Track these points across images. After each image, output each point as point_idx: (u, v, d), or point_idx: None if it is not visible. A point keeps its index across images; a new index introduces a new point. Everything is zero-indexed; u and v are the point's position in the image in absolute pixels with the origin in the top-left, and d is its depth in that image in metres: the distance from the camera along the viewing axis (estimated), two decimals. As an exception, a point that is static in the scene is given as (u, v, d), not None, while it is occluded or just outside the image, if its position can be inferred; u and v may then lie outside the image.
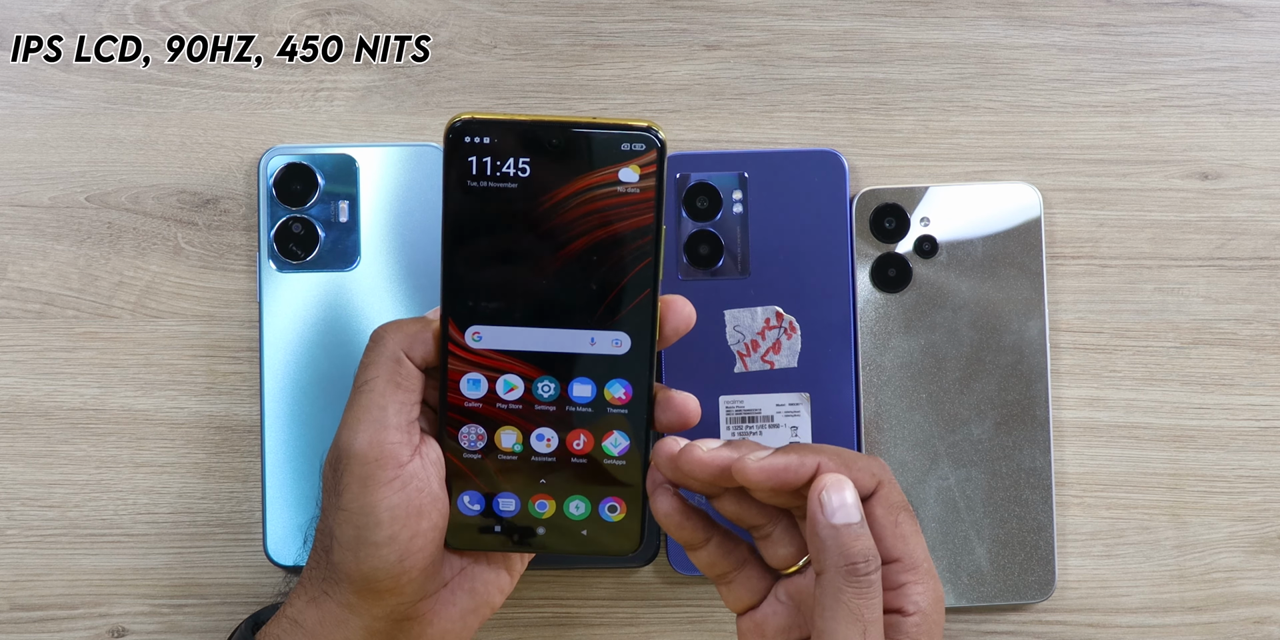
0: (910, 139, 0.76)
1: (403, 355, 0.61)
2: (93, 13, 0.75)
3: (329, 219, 0.73)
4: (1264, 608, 0.75)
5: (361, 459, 0.60)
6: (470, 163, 0.60)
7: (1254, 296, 0.76)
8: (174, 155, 0.75)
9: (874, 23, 0.76)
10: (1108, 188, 0.76)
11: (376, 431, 0.60)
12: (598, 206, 0.61)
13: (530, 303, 0.61)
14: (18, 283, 0.74)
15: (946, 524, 0.74)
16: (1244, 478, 0.76)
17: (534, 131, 0.60)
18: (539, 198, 0.61)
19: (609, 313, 0.62)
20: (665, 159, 0.60)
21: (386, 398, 0.61)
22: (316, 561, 0.63)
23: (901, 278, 0.74)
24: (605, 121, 0.61)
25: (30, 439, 0.74)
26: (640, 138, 0.60)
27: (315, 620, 0.62)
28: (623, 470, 0.63)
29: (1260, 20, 0.76)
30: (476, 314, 0.62)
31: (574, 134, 0.60)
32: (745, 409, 0.73)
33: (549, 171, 0.60)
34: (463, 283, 0.61)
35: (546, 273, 0.61)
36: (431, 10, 0.75)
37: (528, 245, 0.61)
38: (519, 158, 0.60)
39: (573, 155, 0.60)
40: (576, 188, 0.60)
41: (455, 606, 0.63)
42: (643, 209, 0.61)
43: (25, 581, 0.74)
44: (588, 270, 0.61)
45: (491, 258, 0.61)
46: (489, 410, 0.62)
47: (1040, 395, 0.74)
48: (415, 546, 0.61)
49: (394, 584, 0.61)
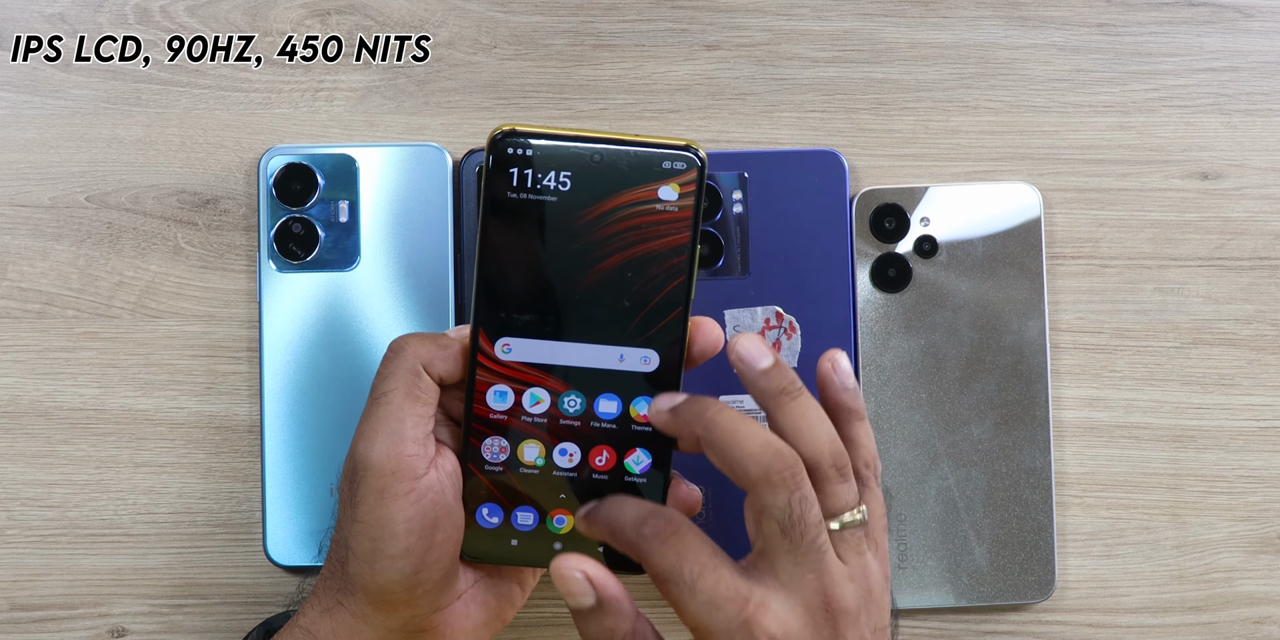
0: (910, 139, 0.76)
1: (421, 368, 0.61)
2: (93, 13, 0.75)
3: (329, 219, 0.73)
4: (1264, 608, 0.75)
5: (378, 471, 0.60)
6: (511, 174, 0.60)
7: (1254, 296, 0.76)
8: (174, 155, 0.75)
9: (874, 23, 0.76)
10: (1108, 188, 0.76)
11: (394, 444, 0.60)
12: (635, 223, 0.61)
13: (562, 317, 0.61)
14: (18, 283, 0.74)
15: (946, 524, 0.74)
16: (1244, 478, 0.76)
17: (577, 146, 0.60)
18: (577, 212, 0.61)
19: (640, 330, 0.62)
20: (705, 179, 0.60)
21: (404, 410, 0.61)
22: (331, 572, 0.63)
23: (901, 278, 0.74)
24: (648, 139, 0.61)
25: (30, 439, 0.74)
26: (681, 157, 0.61)
27: (328, 631, 0.62)
28: (644, 488, 0.63)
29: (1260, 20, 0.76)
30: (508, 326, 0.62)
31: (617, 151, 0.60)
32: (745, 409, 0.73)
33: (589, 186, 0.60)
34: (496, 294, 0.61)
35: (580, 287, 0.61)
36: (431, 10, 0.75)
37: (563, 259, 0.61)
38: (560, 171, 0.61)
39: (614, 171, 0.60)
40: (616, 204, 0.61)
41: (469, 619, 0.63)
42: (680, 227, 0.61)
43: (25, 581, 0.74)
44: (621, 286, 0.61)
45: (527, 270, 0.61)
46: (513, 423, 0.62)
47: (1040, 395, 0.74)
48: (430, 559, 0.61)
49: (409, 596, 0.61)
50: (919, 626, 0.75)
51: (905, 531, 0.74)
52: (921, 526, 0.74)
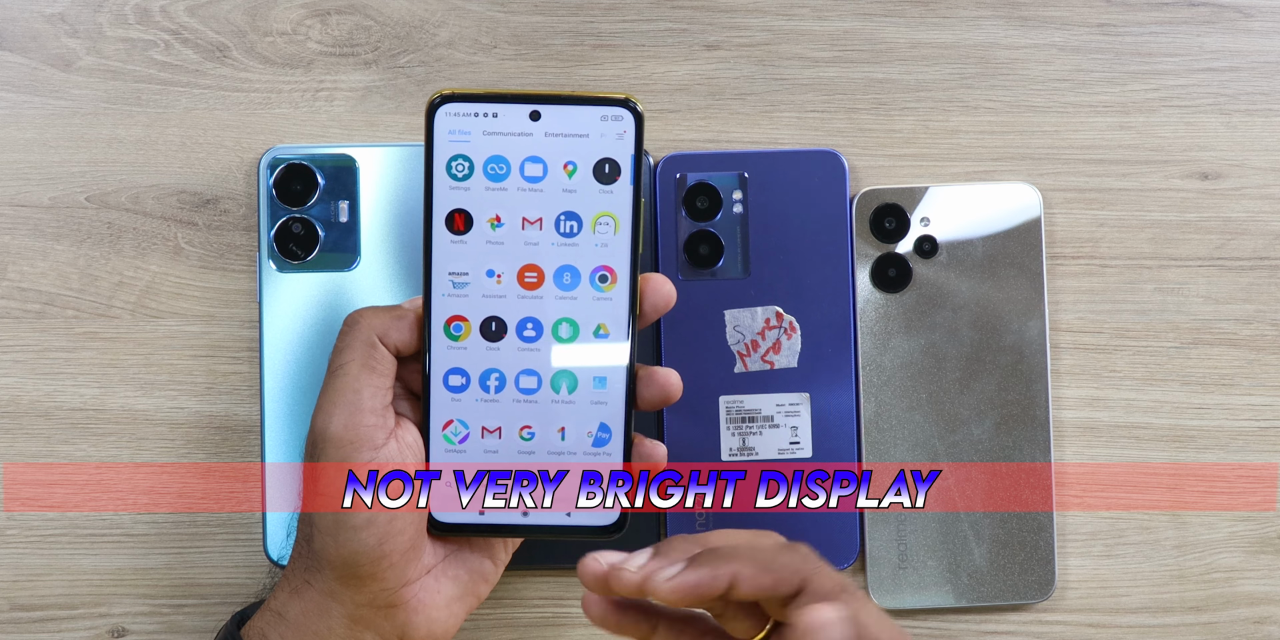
0: (910, 139, 0.76)
1: (376, 340, 0.62)
2: (93, 13, 0.75)
3: (329, 219, 0.73)
4: (1264, 608, 0.75)
5: (337, 442, 0.60)
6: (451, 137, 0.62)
7: (1254, 296, 0.76)
8: (174, 155, 0.75)
9: (874, 23, 0.76)
10: (1108, 188, 0.76)
11: (351, 415, 0.60)
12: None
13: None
14: (18, 283, 0.74)
15: (946, 524, 0.74)
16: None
17: (515, 106, 0.61)
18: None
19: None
20: (643, 131, 0.61)
21: (361, 381, 0.61)
22: (299, 552, 0.63)
23: (901, 278, 0.74)
24: (584, 94, 0.61)
25: (30, 439, 0.74)
26: (618, 111, 0.61)
27: (298, 611, 0.62)
28: (607, 455, 0.63)
29: (1260, 20, 0.76)
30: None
31: (554, 109, 0.61)
32: (745, 409, 0.73)
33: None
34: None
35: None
36: (431, 10, 0.75)
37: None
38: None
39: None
40: None
41: (440, 594, 0.63)
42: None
43: (25, 581, 0.74)
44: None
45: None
46: (471, 395, 0.63)
47: (1040, 395, 0.74)
48: (394, 529, 0.61)
49: (374, 568, 0.61)
50: (919, 626, 0.75)
51: (905, 531, 0.74)
52: (921, 526, 0.74)
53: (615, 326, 0.62)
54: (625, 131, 0.61)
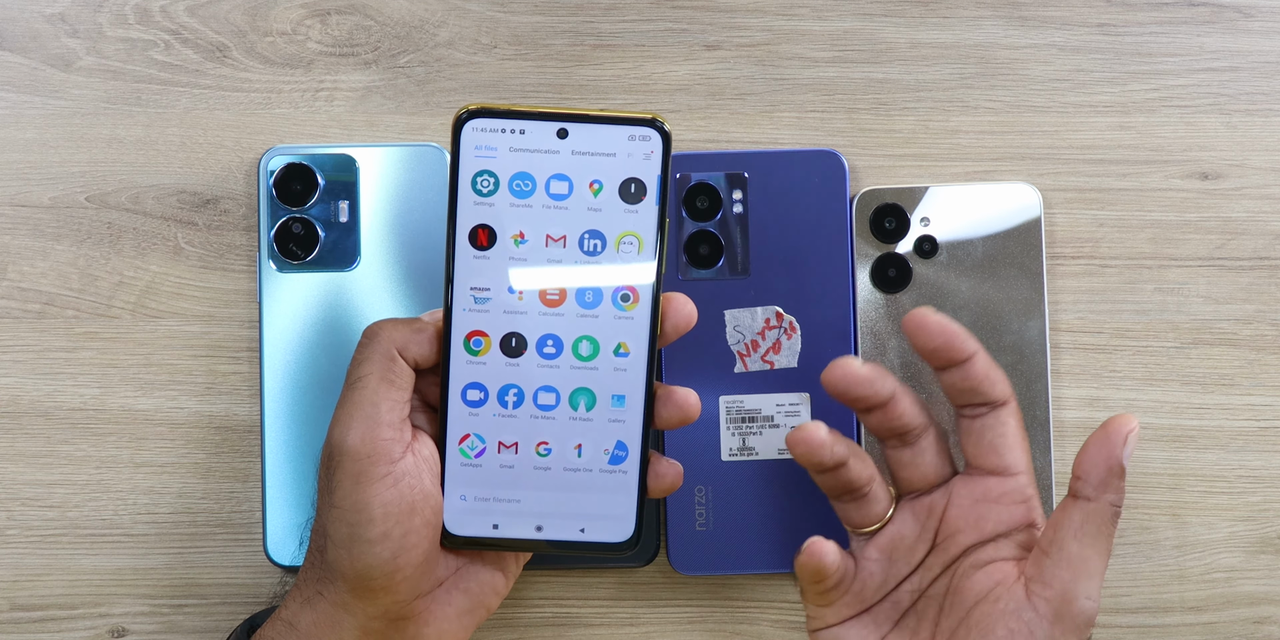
0: (910, 139, 0.76)
1: (396, 353, 0.61)
2: (93, 13, 0.75)
3: (329, 219, 0.73)
4: (1264, 608, 0.75)
5: (354, 455, 0.60)
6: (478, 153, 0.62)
7: (1254, 296, 0.76)
8: (174, 155, 0.75)
9: (874, 23, 0.76)
10: (1108, 188, 0.76)
11: (369, 428, 0.60)
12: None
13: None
14: (18, 283, 0.74)
15: (946, 524, 0.74)
16: (1244, 478, 0.76)
17: (542, 124, 0.61)
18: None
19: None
20: (670, 151, 0.61)
21: (379, 394, 0.61)
22: (311, 562, 0.63)
23: (901, 278, 0.74)
24: (612, 114, 0.61)
25: (30, 439, 0.74)
26: (646, 131, 0.61)
27: (310, 622, 0.62)
28: (623, 475, 0.63)
29: (1260, 20, 0.76)
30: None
31: (581, 128, 0.61)
32: (745, 409, 0.73)
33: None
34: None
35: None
36: (431, 10, 0.75)
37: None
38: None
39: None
40: None
41: (451, 607, 0.63)
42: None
43: (25, 581, 0.74)
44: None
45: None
46: (489, 410, 0.63)
47: (1040, 395, 0.74)
48: (409, 543, 0.61)
49: (388, 582, 0.61)
50: (919, 626, 0.75)
51: (905, 531, 0.74)
52: (921, 526, 0.74)
53: (636, 346, 0.62)
54: (652, 151, 0.61)
